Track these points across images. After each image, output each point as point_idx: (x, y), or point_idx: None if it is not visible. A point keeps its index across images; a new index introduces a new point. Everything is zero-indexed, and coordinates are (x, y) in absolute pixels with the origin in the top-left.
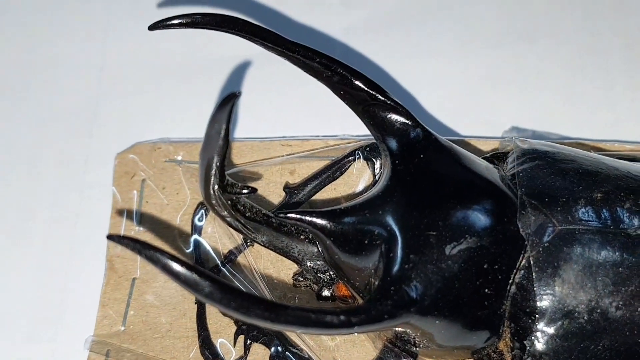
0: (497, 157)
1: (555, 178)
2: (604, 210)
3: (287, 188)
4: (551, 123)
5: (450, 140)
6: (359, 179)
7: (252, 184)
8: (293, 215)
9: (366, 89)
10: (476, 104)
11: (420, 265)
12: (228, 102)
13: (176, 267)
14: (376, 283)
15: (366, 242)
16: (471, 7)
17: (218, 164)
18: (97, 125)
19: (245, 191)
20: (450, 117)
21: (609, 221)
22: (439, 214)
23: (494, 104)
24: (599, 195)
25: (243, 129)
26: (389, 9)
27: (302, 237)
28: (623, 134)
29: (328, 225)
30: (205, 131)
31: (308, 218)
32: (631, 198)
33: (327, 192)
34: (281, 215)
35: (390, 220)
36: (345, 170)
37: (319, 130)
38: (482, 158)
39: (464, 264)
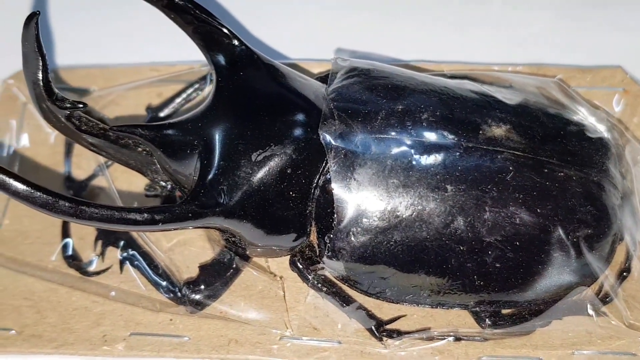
0: (327, 77)
1: (364, 92)
2: (403, 121)
3: (149, 108)
4: (385, 46)
5: (284, 64)
6: None
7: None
8: (125, 128)
9: (191, 9)
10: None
11: (228, 171)
12: (30, 21)
13: None
14: (192, 187)
15: (188, 151)
16: None
17: (42, 80)
18: None
19: (71, 106)
20: (285, 42)
21: (405, 131)
22: (248, 125)
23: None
24: (400, 107)
25: (115, 55)
26: None
27: (139, 149)
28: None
29: (156, 137)
30: (22, 51)
31: (139, 130)
32: (430, 110)
33: None
34: (115, 128)
35: (208, 132)
36: (201, 91)
37: (185, 56)
38: (316, 78)
39: (268, 169)
